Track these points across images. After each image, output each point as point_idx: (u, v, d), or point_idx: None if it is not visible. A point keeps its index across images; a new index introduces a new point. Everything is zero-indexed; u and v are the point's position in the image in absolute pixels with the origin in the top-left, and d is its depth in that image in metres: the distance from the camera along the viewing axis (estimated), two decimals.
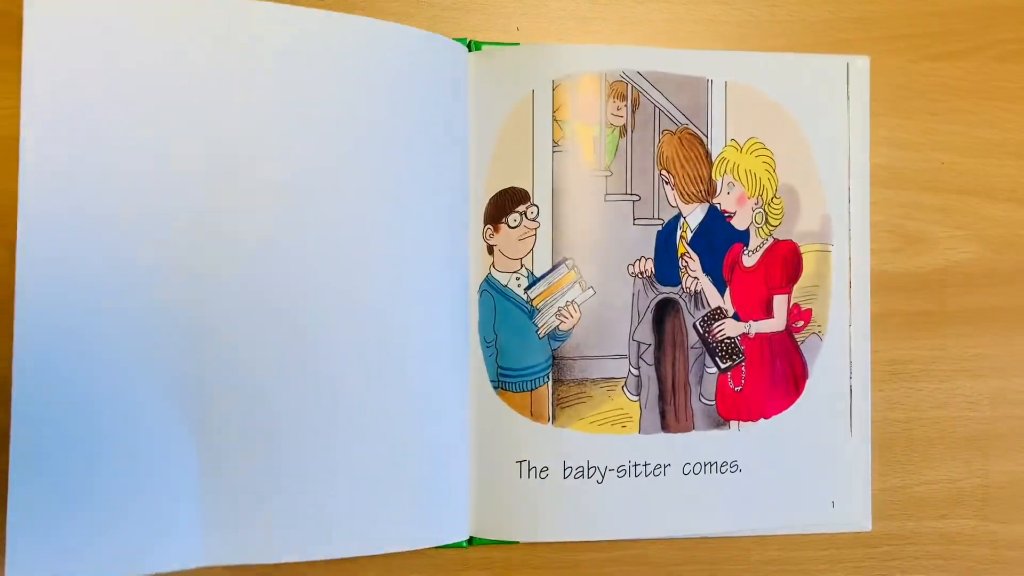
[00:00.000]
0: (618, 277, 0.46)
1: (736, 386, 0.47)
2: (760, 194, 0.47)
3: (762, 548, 0.48)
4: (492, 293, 0.46)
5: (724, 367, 0.47)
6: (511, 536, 0.45)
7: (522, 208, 0.46)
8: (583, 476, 0.46)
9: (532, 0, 0.47)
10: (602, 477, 0.46)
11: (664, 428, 0.46)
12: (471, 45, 0.46)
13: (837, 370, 0.48)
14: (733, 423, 0.47)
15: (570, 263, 0.46)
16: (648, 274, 0.46)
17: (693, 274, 0.47)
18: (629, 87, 0.46)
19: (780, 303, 0.48)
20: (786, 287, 0.48)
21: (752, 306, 0.47)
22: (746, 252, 0.47)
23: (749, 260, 0.47)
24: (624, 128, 0.46)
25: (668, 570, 0.47)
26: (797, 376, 0.47)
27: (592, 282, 0.46)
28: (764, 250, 0.47)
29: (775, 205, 0.47)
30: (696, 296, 0.47)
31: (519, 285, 0.46)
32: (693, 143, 0.47)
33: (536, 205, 0.45)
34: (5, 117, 0.43)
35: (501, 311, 0.46)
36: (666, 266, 0.47)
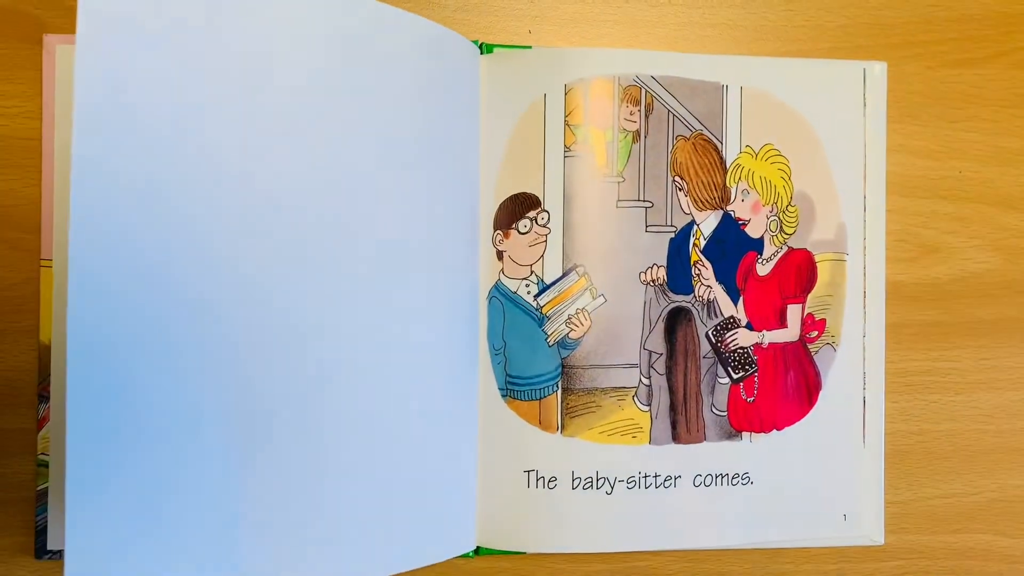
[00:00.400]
0: (629, 285, 0.45)
1: (749, 397, 0.46)
2: (775, 202, 0.47)
3: (773, 561, 0.47)
4: (501, 300, 0.45)
5: (737, 377, 0.46)
6: (518, 546, 0.45)
7: (533, 214, 0.45)
8: (592, 487, 0.45)
9: (544, 2, 0.47)
10: (611, 488, 0.45)
11: (675, 439, 0.46)
12: (483, 48, 0.45)
13: (851, 381, 0.47)
14: (745, 434, 0.46)
15: (581, 270, 0.45)
16: (660, 282, 0.46)
17: (706, 282, 0.46)
18: (643, 92, 0.46)
19: (794, 313, 0.47)
20: (800, 296, 0.47)
21: (765, 315, 0.47)
22: (760, 260, 0.47)
23: (763, 269, 0.47)
24: (637, 133, 0.46)
25: None
26: (810, 387, 0.47)
27: (603, 289, 0.45)
28: (778, 259, 0.47)
29: (790, 213, 0.47)
30: (709, 305, 0.46)
31: (528, 292, 0.45)
32: (707, 149, 0.46)
33: (547, 211, 0.45)
34: (28, 118, 0.43)
35: (510, 318, 0.45)
36: (679, 274, 0.46)
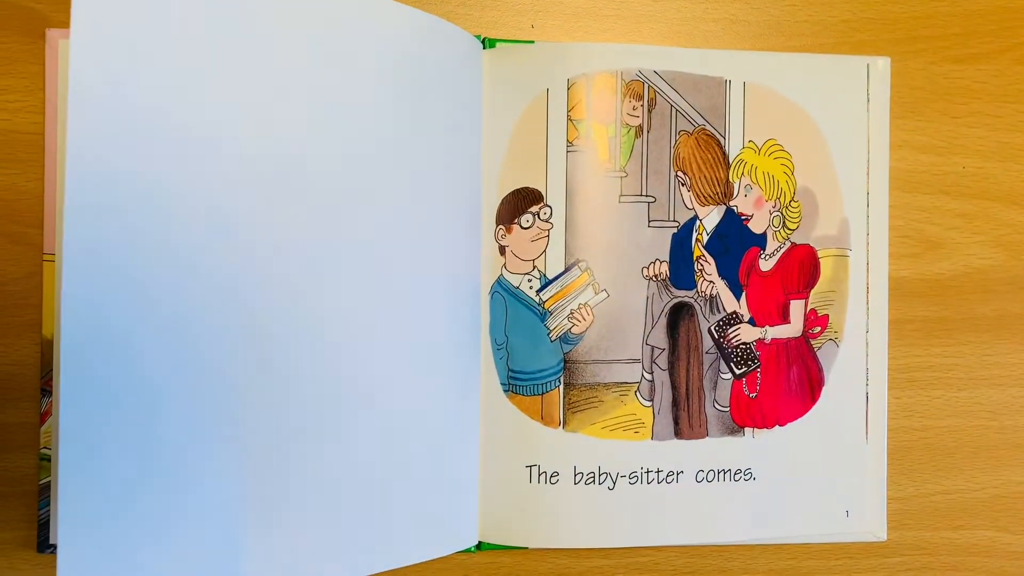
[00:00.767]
0: (632, 280, 0.45)
1: (751, 392, 0.46)
2: (778, 197, 0.46)
3: (775, 557, 0.47)
4: (503, 295, 0.45)
5: (739, 373, 0.46)
6: (520, 542, 0.45)
7: (535, 208, 0.45)
8: (594, 482, 0.45)
9: None
10: (613, 483, 0.45)
11: (677, 434, 0.46)
12: (485, 42, 0.45)
13: (853, 377, 0.47)
14: (748, 430, 0.46)
15: (583, 265, 0.45)
16: (663, 277, 0.46)
17: (709, 278, 0.46)
18: (646, 87, 0.45)
19: (797, 308, 0.47)
20: (803, 292, 0.47)
21: (768, 311, 0.47)
22: (763, 256, 0.47)
23: (766, 264, 0.47)
24: (640, 128, 0.45)
25: None
26: (813, 383, 0.47)
27: (605, 284, 0.45)
28: (781, 254, 0.47)
29: (793, 208, 0.47)
30: (711, 300, 0.46)
31: (531, 287, 0.45)
32: (710, 144, 0.46)
33: (549, 206, 0.45)
34: (30, 112, 0.43)
35: (512, 313, 0.45)
36: (681, 269, 0.46)
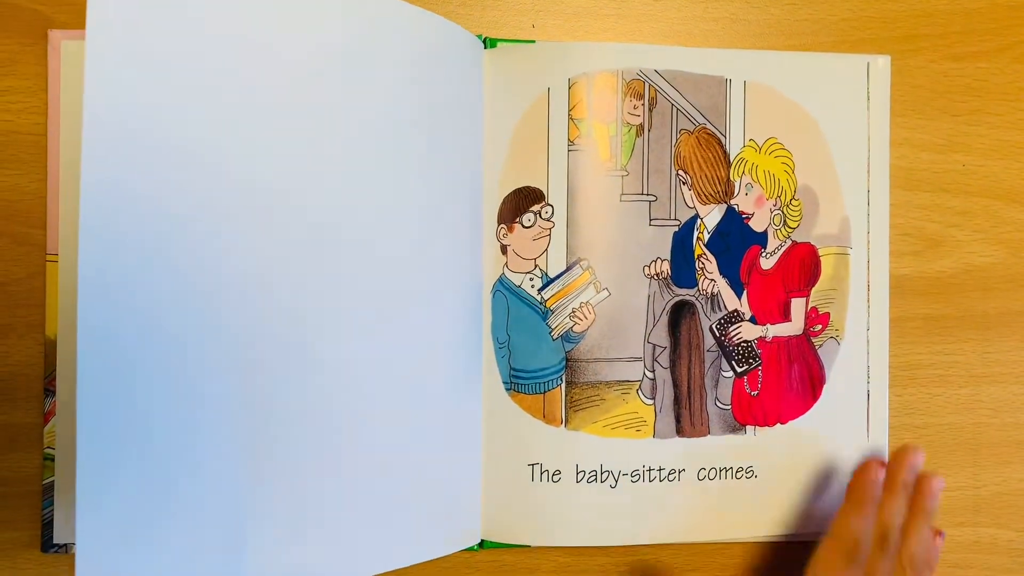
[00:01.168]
0: (633, 278, 0.45)
1: (753, 390, 0.46)
2: (779, 195, 0.47)
3: (777, 554, 0.47)
4: (505, 293, 0.45)
5: (740, 371, 0.46)
6: (522, 540, 0.45)
7: (537, 208, 0.45)
8: (596, 480, 0.45)
9: None
10: (615, 482, 0.45)
11: (679, 433, 0.46)
12: (487, 42, 0.45)
13: (854, 374, 0.47)
14: (749, 428, 0.46)
15: (585, 264, 0.45)
16: (664, 275, 0.46)
17: (710, 276, 0.46)
18: (646, 86, 0.46)
19: (798, 306, 0.47)
20: (804, 290, 0.47)
21: (769, 309, 0.47)
22: (764, 254, 0.47)
23: (767, 262, 0.47)
24: (641, 127, 0.46)
25: None
26: (815, 380, 0.47)
27: (607, 283, 0.45)
28: (782, 252, 0.47)
29: (793, 207, 0.47)
30: (713, 298, 0.46)
31: (532, 286, 0.45)
32: (711, 143, 0.46)
33: (551, 205, 0.45)
34: (33, 113, 0.43)
35: (514, 312, 0.45)
36: (682, 268, 0.46)
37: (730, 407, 0.46)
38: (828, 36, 0.48)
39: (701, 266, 0.46)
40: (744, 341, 0.46)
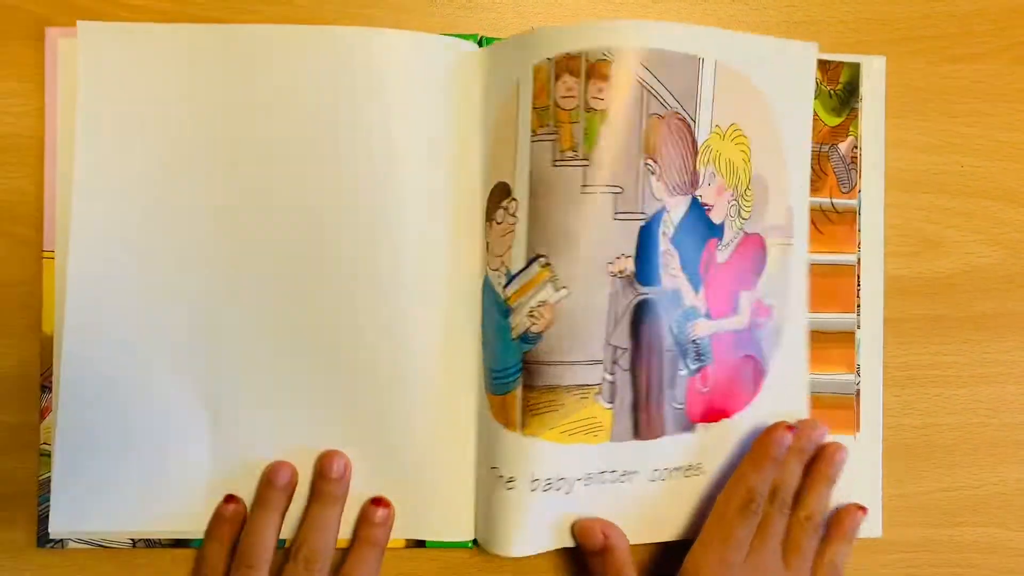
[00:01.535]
0: (595, 276, 0.42)
1: (703, 387, 0.45)
2: (735, 185, 0.44)
3: None
4: (486, 291, 0.44)
5: (694, 368, 0.44)
6: (491, 546, 0.44)
7: (505, 203, 0.43)
8: (551, 489, 0.43)
9: None
10: (570, 488, 0.43)
11: (636, 435, 0.44)
12: (482, 41, 0.45)
13: (794, 366, 0.46)
14: (699, 425, 0.45)
15: (543, 260, 0.42)
16: (628, 274, 0.42)
17: (672, 272, 0.43)
18: (612, 67, 0.41)
19: (746, 300, 0.45)
20: (752, 283, 0.46)
21: (721, 303, 0.45)
22: (719, 247, 0.45)
23: (722, 255, 0.45)
24: (606, 112, 0.41)
25: None
26: (757, 374, 0.46)
27: (567, 281, 0.42)
28: (736, 245, 0.45)
29: (747, 197, 0.45)
30: (672, 295, 0.44)
31: (499, 283, 0.43)
32: (681, 129, 0.43)
33: (516, 199, 0.43)
34: (28, 115, 0.43)
35: (486, 310, 0.44)
36: (648, 264, 0.43)
37: (684, 406, 0.44)
38: (826, 38, 0.48)
39: (665, 262, 0.43)
40: (699, 337, 0.45)
